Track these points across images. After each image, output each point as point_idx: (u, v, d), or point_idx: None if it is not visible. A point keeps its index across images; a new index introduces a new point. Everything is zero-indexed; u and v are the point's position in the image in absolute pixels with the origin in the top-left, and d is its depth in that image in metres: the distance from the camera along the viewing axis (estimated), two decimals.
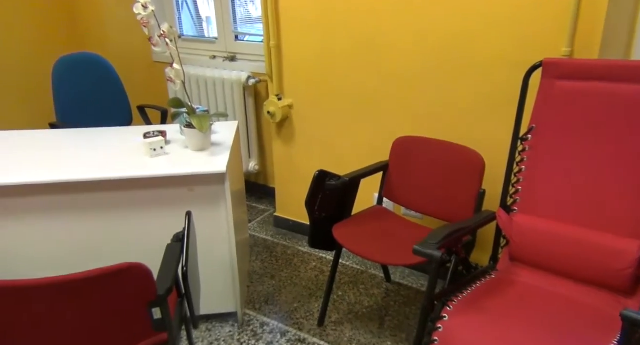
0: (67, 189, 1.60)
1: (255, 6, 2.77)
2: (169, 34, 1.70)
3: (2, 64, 2.77)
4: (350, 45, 2.06)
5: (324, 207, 1.76)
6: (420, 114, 1.98)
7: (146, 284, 1.10)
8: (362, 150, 2.21)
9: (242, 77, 2.65)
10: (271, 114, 2.36)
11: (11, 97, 2.85)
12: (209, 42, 2.97)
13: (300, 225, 2.56)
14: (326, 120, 2.27)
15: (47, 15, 2.94)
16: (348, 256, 2.34)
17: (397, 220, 1.84)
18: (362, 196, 2.19)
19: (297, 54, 2.23)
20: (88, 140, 1.92)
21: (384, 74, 2.02)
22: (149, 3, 1.64)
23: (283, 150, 2.48)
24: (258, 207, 2.90)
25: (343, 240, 1.67)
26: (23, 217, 1.61)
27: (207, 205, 1.71)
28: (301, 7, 2.13)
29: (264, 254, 2.38)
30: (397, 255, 1.57)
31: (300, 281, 2.15)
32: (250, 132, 2.82)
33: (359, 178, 1.83)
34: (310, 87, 2.26)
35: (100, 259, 1.71)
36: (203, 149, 1.82)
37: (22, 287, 0.99)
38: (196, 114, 1.82)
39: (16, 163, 1.67)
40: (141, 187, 1.65)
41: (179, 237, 1.40)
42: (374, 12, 1.95)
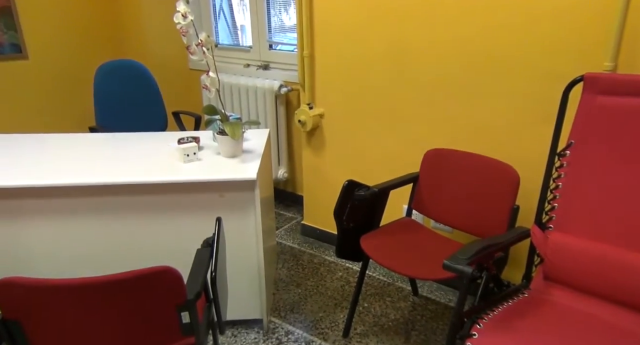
0: (102, 191, 1.65)
1: (289, 16, 2.80)
2: (206, 43, 1.74)
3: (48, 70, 2.90)
4: (383, 56, 2.06)
5: (353, 217, 1.75)
6: (453, 126, 1.96)
7: (177, 288, 1.12)
8: (391, 161, 2.19)
9: (275, 86, 2.69)
10: (302, 123, 2.38)
11: (55, 102, 2.98)
12: (243, 50, 3.03)
13: (327, 234, 2.56)
14: (356, 130, 2.27)
15: (91, 23, 3.07)
16: (374, 267, 2.32)
17: (426, 233, 1.81)
18: (391, 207, 2.18)
19: (330, 64, 2.25)
20: (124, 144, 1.98)
21: (417, 86, 2.00)
22: (188, 13, 1.69)
23: (312, 159, 2.49)
24: (286, 214, 2.92)
25: (371, 251, 1.66)
26: (60, 218, 1.67)
27: (236, 211, 1.73)
28: (335, 18, 2.14)
29: (290, 262, 2.38)
30: (426, 269, 1.54)
31: (325, 291, 2.14)
32: (280, 139, 2.85)
33: (389, 189, 1.81)
34: (341, 97, 2.26)
35: (131, 261, 1.75)
36: (235, 156, 1.84)
37: (59, 286, 1.02)
38: (229, 121, 1.85)
39: (56, 165, 1.74)
40: (174, 191, 1.68)
41: (209, 242, 1.42)
42: (408, 24, 1.94)
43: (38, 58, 2.83)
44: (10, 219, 1.64)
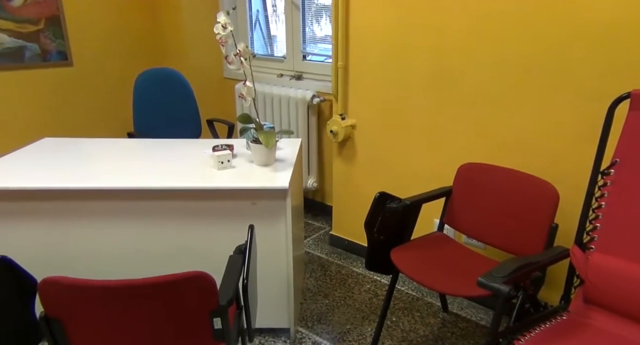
0: (139, 196, 1.69)
1: (320, 27, 2.83)
2: (244, 53, 1.78)
3: (91, 77, 3.02)
4: (419, 69, 2.05)
5: (383, 229, 1.74)
6: (488, 141, 1.92)
7: (210, 294, 1.13)
8: (423, 175, 2.17)
9: (307, 96, 2.71)
10: (334, 133, 2.38)
11: (97, 107, 3.09)
12: (277, 60, 3.07)
13: (355, 245, 2.54)
14: (388, 142, 2.25)
15: (133, 33, 3.19)
16: (403, 281, 2.29)
17: (458, 249, 1.78)
18: (422, 221, 2.15)
19: (364, 76, 2.25)
20: (161, 150, 2.04)
21: (454, 99, 1.98)
22: (228, 24, 1.73)
23: (343, 170, 2.49)
24: (314, 224, 2.92)
25: (401, 265, 1.64)
26: (99, 220, 1.72)
27: (267, 219, 1.74)
28: (371, 30, 2.15)
29: (318, 272, 2.38)
30: (458, 285, 1.51)
31: (353, 302, 2.12)
32: (311, 149, 2.86)
33: (421, 202, 1.79)
34: (374, 109, 2.26)
35: (164, 264, 1.78)
36: (267, 165, 1.86)
37: (98, 286, 1.05)
38: (263, 130, 1.87)
39: (96, 169, 1.79)
40: (208, 198, 1.71)
41: (241, 249, 1.44)
42: (447, 38, 1.93)
43: (82, 65, 2.96)
44: (54, 220, 1.70)
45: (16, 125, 2.74)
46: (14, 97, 2.70)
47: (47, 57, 2.77)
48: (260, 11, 3.16)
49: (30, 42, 2.68)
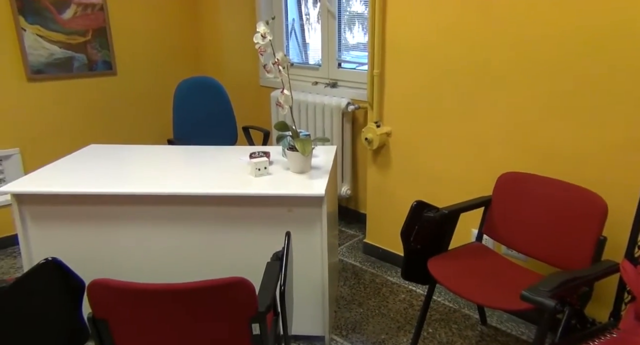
0: (179, 201, 1.74)
1: (353, 34, 2.84)
2: (282, 62, 1.80)
3: (133, 85, 3.13)
4: (457, 75, 2.02)
5: (420, 238, 1.71)
6: (530, 150, 1.87)
7: (249, 300, 1.14)
8: (461, 183, 2.13)
9: (342, 103, 2.72)
10: (368, 141, 2.38)
11: (139, 115, 3.20)
12: (312, 68, 3.10)
13: (390, 254, 2.52)
14: (425, 150, 2.23)
15: (174, 43, 3.29)
16: (440, 292, 2.24)
17: (498, 260, 1.73)
18: (460, 231, 2.10)
19: (400, 83, 2.24)
20: (199, 156, 2.08)
21: (493, 107, 1.94)
22: (267, 33, 1.76)
23: (378, 177, 2.47)
24: (347, 231, 2.91)
25: (439, 275, 1.61)
26: (138, 224, 1.77)
27: (303, 226, 1.75)
28: (408, 37, 2.14)
29: (351, 280, 2.37)
30: (499, 297, 1.47)
31: (388, 312, 2.09)
32: (345, 156, 2.86)
33: (459, 212, 1.76)
34: (410, 116, 2.24)
35: (201, 269, 1.82)
36: (303, 172, 1.87)
37: (143, 290, 1.08)
38: (300, 137, 1.89)
39: (137, 175, 1.85)
40: (244, 204, 1.73)
41: (278, 255, 1.45)
42: (488, 45, 1.90)
43: (125, 74, 3.07)
44: (99, 223, 1.76)
45: (65, 132, 2.87)
46: (63, 105, 2.83)
47: (93, 67, 2.90)
48: (295, 20, 3.20)
49: (78, 52, 2.81)
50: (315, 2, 3.06)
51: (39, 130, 2.76)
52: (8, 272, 2.47)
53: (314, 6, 3.09)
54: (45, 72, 2.70)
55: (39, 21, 2.62)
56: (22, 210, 1.74)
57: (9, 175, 2.67)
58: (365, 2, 2.75)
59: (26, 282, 1.20)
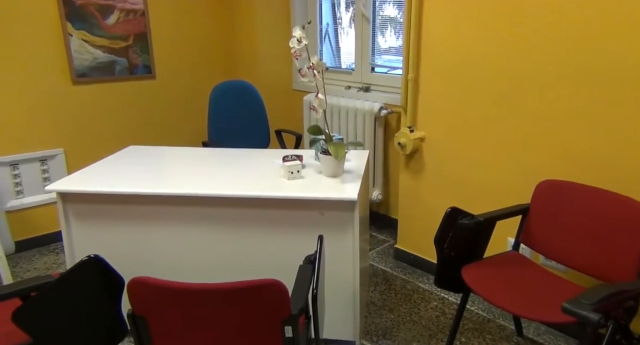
0: (212, 203, 1.77)
1: (385, 38, 2.83)
2: (317, 66, 1.81)
3: (171, 89, 3.22)
4: (493, 80, 1.98)
5: (454, 245, 1.68)
6: (570, 157, 1.81)
7: (282, 302, 1.15)
8: (497, 191, 2.08)
9: (375, 108, 2.71)
10: (401, 145, 2.36)
11: (176, 117, 3.29)
12: (345, 72, 3.11)
13: (421, 260, 2.48)
14: (460, 156, 2.19)
15: (210, 47, 3.37)
16: (473, 300, 2.19)
17: (536, 270, 1.68)
18: (495, 239, 2.05)
19: (435, 88, 2.21)
20: (233, 159, 2.12)
21: (532, 113, 1.89)
22: (303, 38, 1.77)
23: (410, 183, 2.45)
24: (378, 236, 2.89)
25: (473, 283, 1.58)
26: (173, 224, 1.81)
27: (335, 230, 1.75)
28: (443, 41, 2.12)
29: (382, 286, 2.35)
30: (538, 309, 1.42)
31: (419, 319, 2.07)
32: (377, 161, 2.85)
33: (495, 219, 1.72)
34: (444, 121, 2.21)
35: (233, 271, 1.84)
36: (336, 176, 1.88)
37: (181, 289, 1.11)
38: (333, 141, 1.89)
39: (173, 176, 1.90)
40: (277, 207, 1.75)
41: (311, 259, 1.45)
42: (527, 51, 1.85)
43: (163, 78, 3.17)
44: (137, 222, 1.82)
45: (105, 133, 2.98)
46: (104, 107, 2.94)
47: (133, 71, 3.00)
48: (330, 24, 3.22)
49: (120, 56, 2.92)
50: (348, 6, 3.07)
51: (82, 131, 2.88)
52: (51, 267, 2.58)
53: (347, 10, 3.10)
54: (89, 75, 2.82)
55: (85, 27, 2.74)
56: (66, 208, 1.81)
57: (53, 174, 2.79)
58: (398, 6, 2.74)
59: (70, 278, 1.25)
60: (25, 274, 2.50)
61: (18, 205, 2.70)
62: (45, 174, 2.78)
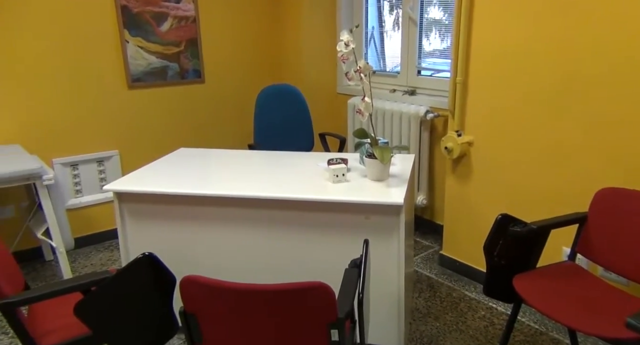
0: (259, 204, 1.79)
1: (429, 41, 2.78)
2: (364, 70, 1.81)
3: (219, 92, 3.32)
4: (546, 83, 1.90)
5: (505, 254, 1.62)
6: (630, 163, 1.70)
7: (329, 305, 1.15)
8: (550, 198, 1.99)
9: (420, 111, 2.67)
10: (448, 150, 2.31)
11: (223, 120, 3.38)
12: (390, 76, 3.08)
13: (468, 268, 2.41)
14: (510, 161, 2.12)
15: (257, 52, 3.44)
16: (524, 311, 2.11)
17: (594, 282, 1.59)
18: (549, 248, 1.96)
19: (484, 91, 2.15)
20: (278, 161, 2.15)
21: (584, 117, 1.80)
22: (351, 41, 1.78)
23: (457, 188, 2.39)
24: (422, 242, 2.84)
25: (526, 294, 1.51)
26: (221, 224, 1.85)
27: (380, 234, 1.73)
28: (494, 44, 2.06)
29: (427, 292, 2.30)
30: (597, 323, 1.35)
31: (466, 329, 2.01)
32: (422, 165, 2.80)
33: (549, 227, 1.65)
34: (494, 126, 2.14)
35: (278, 272, 1.86)
36: (381, 180, 1.86)
37: (230, 288, 1.13)
38: (379, 145, 1.88)
39: (221, 178, 1.95)
40: (322, 210, 1.75)
41: (356, 263, 1.44)
42: (580, 51, 1.77)
43: (212, 82, 3.26)
44: (187, 222, 1.88)
45: (157, 135, 3.10)
46: (157, 111, 3.07)
47: (184, 75, 3.11)
48: (375, 28, 3.21)
49: (172, 62, 3.03)
50: (391, 9, 3.05)
51: (136, 134, 3.01)
52: (106, 263, 2.71)
53: (390, 13, 3.08)
54: (143, 80, 2.94)
55: (140, 34, 2.87)
56: (122, 207, 1.90)
57: (109, 175, 2.94)
58: (444, 8, 2.69)
59: (127, 273, 1.31)
60: (83, 269, 2.64)
61: (77, 204, 2.86)
62: (102, 175, 2.92)
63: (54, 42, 2.63)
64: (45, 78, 2.63)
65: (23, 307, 1.38)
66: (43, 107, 2.65)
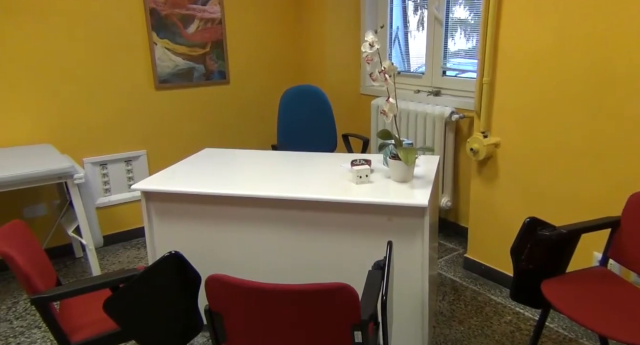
0: (282, 204, 1.80)
1: (454, 41, 2.74)
2: (388, 70, 1.80)
3: (243, 93, 3.35)
4: (577, 82, 1.85)
5: (533, 258, 1.59)
6: None
7: (353, 307, 1.15)
8: (578, 201, 1.94)
9: (445, 112, 2.63)
10: (474, 151, 2.27)
11: (247, 121, 3.42)
12: (414, 76, 3.05)
13: (494, 271, 2.37)
14: (539, 164, 2.07)
15: (280, 54, 3.46)
16: (552, 317, 2.05)
17: (627, 288, 1.54)
18: (579, 253, 1.91)
19: (512, 92, 2.11)
20: (301, 162, 2.15)
21: (617, 118, 1.74)
22: (375, 42, 1.77)
23: (482, 190, 2.35)
24: (446, 244, 2.80)
25: (555, 299, 1.47)
26: (244, 224, 1.87)
27: (403, 236, 1.71)
28: (523, 43, 2.01)
29: (451, 295, 2.27)
30: (630, 330, 1.30)
31: (492, 334, 1.97)
32: (446, 167, 2.77)
33: (580, 232, 1.60)
34: (522, 127, 2.10)
35: (301, 272, 1.86)
36: (405, 181, 1.84)
37: (254, 288, 1.13)
38: (403, 146, 1.86)
39: (243, 177, 1.96)
40: (345, 211, 1.75)
41: (380, 265, 1.43)
42: (615, 49, 1.71)
43: (237, 83, 3.30)
44: (211, 222, 1.90)
45: (183, 136, 3.16)
46: (182, 112, 3.12)
47: (210, 77, 3.15)
48: (400, 28, 3.19)
49: (198, 63, 3.08)
50: (416, 9, 3.02)
51: (162, 134, 3.07)
52: (133, 261, 2.77)
53: (415, 14, 3.05)
54: (169, 81, 3.00)
55: (168, 36, 2.92)
56: (149, 206, 1.94)
57: (136, 174, 3.01)
58: (469, 7, 2.65)
59: (154, 271, 1.33)
60: (111, 267, 2.71)
61: (106, 202, 2.93)
62: (130, 174, 2.99)
63: (86, 45, 2.70)
64: (76, 80, 2.71)
65: (55, 302, 1.42)
66: (74, 108, 2.74)
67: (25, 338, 2.06)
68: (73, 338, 1.39)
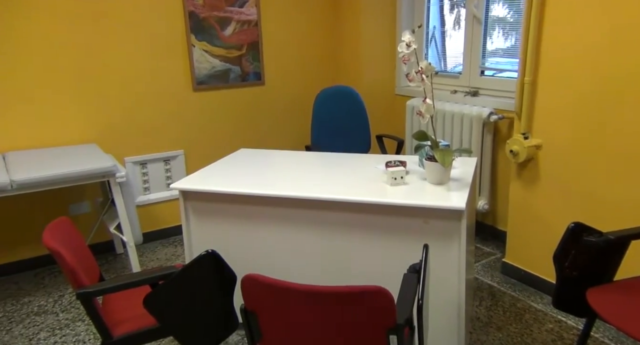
0: (316, 205, 1.80)
1: (492, 40, 2.67)
2: (426, 70, 1.77)
3: (277, 94, 3.38)
4: (627, 82, 1.76)
5: (577, 264, 1.52)
6: None
7: (388, 311, 1.13)
8: (628, 205, 1.84)
9: (484, 113, 2.57)
10: (514, 153, 2.20)
11: (282, 122, 3.45)
12: (451, 76, 2.99)
13: (533, 277, 2.29)
14: (584, 166, 1.98)
15: (315, 54, 3.47)
16: (597, 327, 1.96)
17: None
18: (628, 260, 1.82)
19: (555, 92, 2.03)
20: (335, 163, 2.14)
21: None
22: (412, 42, 1.74)
23: (522, 193, 2.27)
24: (483, 248, 2.73)
25: (601, 309, 1.41)
26: (278, 225, 1.88)
27: (440, 239, 1.68)
28: (568, 41, 1.94)
29: (488, 301, 2.20)
30: None
31: (532, 342, 1.90)
32: (484, 169, 2.70)
33: (629, 238, 1.52)
34: (567, 128, 2.02)
35: (335, 274, 1.86)
36: (441, 183, 1.81)
37: (289, 288, 1.14)
38: (439, 147, 1.83)
39: (278, 178, 1.97)
40: (379, 212, 1.73)
41: (415, 268, 1.41)
42: None
43: (272, 84, 3.33)
44: (247, 222, 1.93)
45: (219, 136, 3.22)
46: (219, 113, 3.18)
47: (245, 78, 3.20)
48: (436, 27, 3.13)
49: (234, 65, 3.13)
50: (452, 8, 2.96)
51: (199, 135, 3.14)
52: (170, 258, 2.84)
53: (451, 12, 2.99)
54: (206, 83, 3.06)
55: (205, 38, 2.99)
56: (186, 205, 1.98)
57: (174, 174, 3.08)
58: (509, 5, 2.57)
59: (191, 269, 1.36)
60: (149, 263, 2.79)
61: (145, 201, 3.02)
62: (168, 173, 3.07)
63: (131, 50, 2.80)
64: (119, 82, 2.81)
65: (98, 296, 1.47)
66: (117, 110, 2.84)
67: (70, 330, 2.15)
68: (115, 332, 1.43)
